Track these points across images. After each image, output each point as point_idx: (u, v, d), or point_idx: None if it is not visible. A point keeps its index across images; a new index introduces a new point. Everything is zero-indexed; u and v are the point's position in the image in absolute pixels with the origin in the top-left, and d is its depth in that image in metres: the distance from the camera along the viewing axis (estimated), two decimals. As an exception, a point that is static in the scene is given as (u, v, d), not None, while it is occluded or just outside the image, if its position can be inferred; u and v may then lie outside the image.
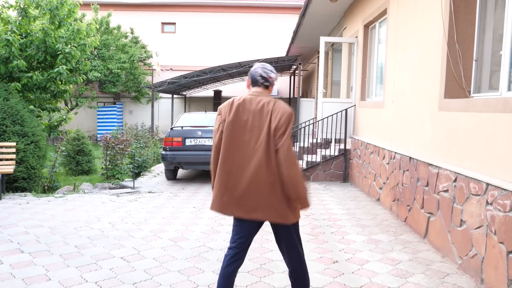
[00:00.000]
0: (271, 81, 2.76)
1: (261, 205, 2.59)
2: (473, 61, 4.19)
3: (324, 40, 8.99)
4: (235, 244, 2.70)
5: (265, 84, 2.74)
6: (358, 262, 4.06)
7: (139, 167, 10.19)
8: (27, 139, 7.60)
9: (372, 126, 7.31)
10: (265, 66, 2.77)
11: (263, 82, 2.74)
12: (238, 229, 2.73)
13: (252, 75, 2.76)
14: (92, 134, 20.35)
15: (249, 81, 2.78)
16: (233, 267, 2.68)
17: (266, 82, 2.74)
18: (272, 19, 21.03)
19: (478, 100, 3.76)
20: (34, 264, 3.89)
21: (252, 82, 2.76)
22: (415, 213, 5.08)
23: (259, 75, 2.73)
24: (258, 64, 2.79)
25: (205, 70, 14.62)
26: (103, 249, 4.34)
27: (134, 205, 6.49)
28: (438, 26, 4.55)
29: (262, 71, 2.74)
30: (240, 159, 2.62)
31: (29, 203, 6.43)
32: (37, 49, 8.59)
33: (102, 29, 18.61)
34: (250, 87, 2.78)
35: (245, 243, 2.71)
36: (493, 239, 3.34)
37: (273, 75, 2.76)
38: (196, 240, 4.72)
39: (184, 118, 9.28)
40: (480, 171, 3.63)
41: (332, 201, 6.81)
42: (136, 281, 3.55)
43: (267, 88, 2.76)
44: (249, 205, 2.60)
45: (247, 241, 2.72)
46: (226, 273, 2.67)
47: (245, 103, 2.67)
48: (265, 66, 2.77)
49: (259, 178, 2.57)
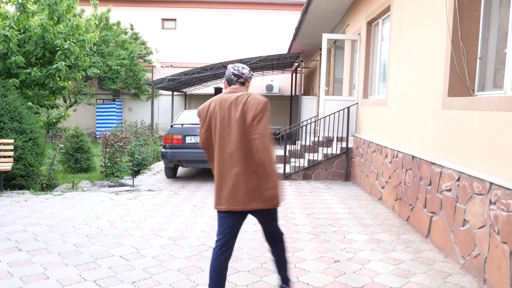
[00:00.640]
0: (244, 77, 2.91)
1: (254, 195, 2.75)
2: (477, 59, 4.19)
3: (327, 37, 8.98)
4: (221, 236, 2.82)
5: (240, 81, 2.91)
6: (360, 261, 4.07)
7: (139, 165, 10.20)
8: (25, 136, 7.61)
9: (374, 125, 7.31)
10: (235, 64, 2.96)
11: (237, 79, 2.90)
12: (223, 221, 2.84)
13: (226, 76, 2.95)
14: (91, 132, 20.36)
15: (225, 83, 2.97)
16: (222, 258, 2.79)
17: (240, 79, 2.90)
18: (274, 15, 21.00)
19: (482, 99, 3.76)
20: (32, 263, 3.90)
21: (228, 82, 2.94)
22: (417, 213, 5.08)
23: (231, 74, 2.91)
24: (231, 66, 2.97)
25: (205, 67, 14.61)
26: (102, 248, 4.36)
27: (133, 203, 6.51)
28: (442, 23, 4.55)
29: (233, 70, 2.92)
30: (227, 153, 2.78)
31: (27, 201, 6.45)
32: (36, 45, 8.59)
33: (102, 25, 18.59)
34: (226, 86, 2.96)
35: (231, 234, 2.83)
36: (496, 239, 3.34)
37: (245, 71, 2.92)
38: (196, 239, 4.73)
39: (184, 116, 9.29)
40: (483, 170, 3.63)
41: (333, 200, 6.82)
42: (135, 280, 3.57)
43: (243, 85, 2.92)
44: (244, 197, 2.75)
45: (233, 231, 2.84)
46: (216, 265, 2.78)
47: (221, 100, 2.84)
48: (235, 64, 2.96)
49: (244, 169, 2.73)
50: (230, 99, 2.81)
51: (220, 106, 2.82)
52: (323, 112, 8.84)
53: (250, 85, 2.95)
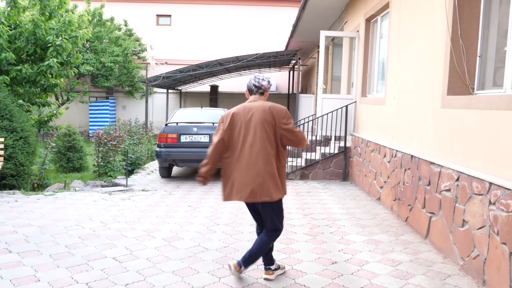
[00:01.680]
0: (263, 88, 3.55)
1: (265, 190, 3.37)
2: (477, 57, 4.20)
3: (325, 34, 8.99)
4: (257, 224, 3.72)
5: (260, 92, 3.55)
6: (358, 263, 4.08)
7: (133, 164, 10.18)
8: (16, 134, 7.58)
9: (373, 123, 7.33)
10: (257, 76, 3.58)
11: (257, 90, 3.55)
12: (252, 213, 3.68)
13: (248, 86, 3.59)
14: (84, 130, 20.30)
15: (247, 92, 3.61)
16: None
17: (260, 90, 3.55)
18: (271, 12, 21.00)
19: (481, 97, 3.78)
20: (22, 265, 3.89)
21: (249, 92, 3.60)
22: (416, 213, 5.10)
23: (252, 85, 3.55)
24: (252, 77, 3.61)
25: (201, 64, 14.60)
26: (95, 249, 4.34)
27: (127, 203, 6.50)
28: (442, 21, 4.56)
29: (254, 81, 3.56)
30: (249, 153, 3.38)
31: (17, 201, 6.42)
32: (27, 41, 8.55)
33: (95, 21, 18.54)
34: (248, 96, 3.59)
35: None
36: (496, 240, 3.36)
37: (264, 83, 3.55)
38: (191, 240, 4.73)
39: (179, 114, 9.27)
40: (483, 170, 3.65)
41: (331, 200, 6.84)
42: (128, 282, 3.56)
43: (262, 94, 3.56)
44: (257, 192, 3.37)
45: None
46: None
47: (244, 108, 3.45)
48: (257, 76, 3.58)
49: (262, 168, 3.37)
50: (255, 106, 3.42)
51: (243, 113, 3.42)
52: (320, 111, 8.85)
53: (268, 94, 3.58)
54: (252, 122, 3.36)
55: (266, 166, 3.32)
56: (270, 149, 3.34)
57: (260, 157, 3.32)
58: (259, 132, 3.33)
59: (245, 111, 3.41)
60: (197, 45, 21.00)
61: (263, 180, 3.31)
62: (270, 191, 3.32)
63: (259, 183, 3.31)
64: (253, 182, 3.31)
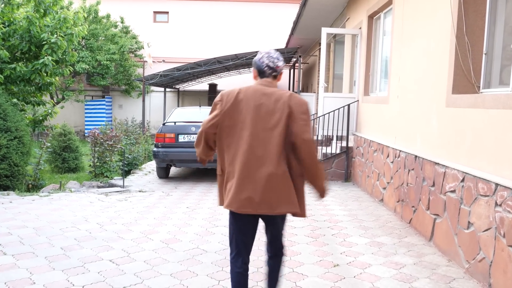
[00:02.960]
0: (279, 70, 2.73)
1: (282, 199, 2.64)
2: (482, 54, 4.20)
3: (326, 31, 8.99)
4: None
5: (273, 75, 2.72)
6: (360, 265, 4.08)
7: (129, 165, 10.18)
8: (10, 134, 7.57)
9: (375, 123, 7.33)
10: (270, 54, 2.72)
11: (271, 72, 2.71)
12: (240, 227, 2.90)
13: (257, 65, 2.72)
14: (80, 130, 20.29)
15: (256, 72, 2.74)
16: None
17: (274, 72, 2.71)
18: (271, 8, 21.00)
19: (487, 96, 3.78)
20: (17, 267, 3.88)
21: (259, 73, 2.73)
22: (420, 215, 5.10)
23: (265, 65, 2.70)
24: (263, 53, 2.74)
25: (199, 62, 14.60)
26: (91, 251, 4.34)
27: (123, 205, 6.49)
28: (447, 18, 4.56)
29: (268, 61, 2.70)
30: (254, 151, 2.60)
31: (12, 202, 6.42)
32: (21, 38, 8.54)
33: (90, 18, 18.53)
34: (257, 78, 2.74)
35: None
36: (502, 242, 3.36)
37: (280, 64, 2.73)
38: (189, 242, 4.72)
39: (177, 113, 9.27)
40: (489, 170, 3.65)
41: (333, 201, 6.84)
42: (125, 285, 3.56)
43: (275, 78, 2.74)
44: (272, 200, 2.62)
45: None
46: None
47: (255, 91, 2.65)
48: (270, 54, 2.72)
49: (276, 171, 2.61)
50: (267, 94, 2.63)
51: (253, 98, 2.62)
52: (322, 110, 8.85)
53: (281, 77, 2.79)
54: (263, 112, 2.60)
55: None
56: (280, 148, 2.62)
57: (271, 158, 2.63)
58: (271, 127, 2.59)
59: (255, 96, 2.63)
60: (195, 43, 21.00)
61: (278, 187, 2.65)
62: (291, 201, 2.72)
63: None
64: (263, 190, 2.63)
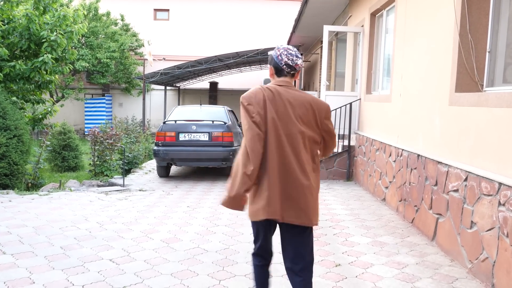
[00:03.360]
0: (298, 68, 2.62)
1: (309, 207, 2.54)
2: (486, 52, 4.19)
3: (328, 29, 8.97)
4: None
5: (292, 73, 2.62)
6: (362, 265, 4.08)
7: (130, 164, 10.18)
8: (10, 132, 7.58)
9: (378, 121, 7.32)
10: (289, 51, 2.60)
11: (290, 70, 2.60)
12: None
13: (276, 63, 2.60)
14: (79, 128, 20.31)
15: (272, 70, 2.64)
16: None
17: (292, 71, 2.61)
18: (273, 6, 20.98)
19: (491, 95, 3.77)
20: (17, 266, 3.89)
21: (276, 71, 2.63)
22: (423, 214, 5.10)
23: (284, 63, 2.58)
24: (281, 49, 2.62)
25: (200, 60, 14.60)
26: (91, 251, 4.35)
27: (123, 204, 6.50)
28: (450, 15, 4.55)
29: (287, 59, 2.57)
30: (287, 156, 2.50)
31: (11, 201, 6.43)
32: (20, 36, 8.54)
33: (90, 16, 18.53)
34: (274, 76, 2.65)
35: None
36: (505, 242, 3.36)
37: (299, 62, 2.62)
38: (190, 241, 4.73)
39: (178, 112, 9.27)
40: (492, 170, 3.64)
41: (335, 200, 6.83)
42: (126, 284, 3.56)
43: (293, 76, 2.65)
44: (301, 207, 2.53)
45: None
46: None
47: (279, 94, 2.53)
48: (289, 51, 2.60)
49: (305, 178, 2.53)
50: (289, 96, 2.52)
51: (279, 100, 2.51)
52: (324, 108, 8.82)
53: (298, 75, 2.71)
54: (288, 116, 2.49)
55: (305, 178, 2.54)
56: (308, 156, 2.55)
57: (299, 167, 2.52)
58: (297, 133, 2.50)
59: (281, 99, 2.51)
60: (196, 41, 20.98)
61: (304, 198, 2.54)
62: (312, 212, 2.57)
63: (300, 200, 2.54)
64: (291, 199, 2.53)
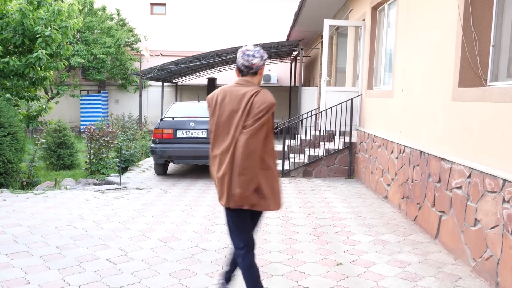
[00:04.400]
0: (255, 67, 2.78)
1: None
2: (490, 46, 4.18)
3: (328, 23, 8.96)
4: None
5: (251, 72, 2.79)
6: (364, 264, 4.09)
7: (126, 161, 10.19)
8: (4, 130, 7.57)
9: (380, 117, 7.32)
10: (246, 52, 2.79)
11: (248, 70, 2.79)
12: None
13: (237, 63, 2.83)
14: (75, 125, 20.29)
15: (237, 70, 2.86)
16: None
17: (251, 70, 2.79)
18: (272, 0, 20.91)
19: (495, 89, 3.77)
20: (12, 266, 3.89)
21: (239, 72, 2.84)
22: (425, 212, 5.10)
23: (241, 64, 2.79)
24: (240, 51, 2.82)
25: (198, 56, 14.57)
26: (87, 250, 4.35)
27: (120, 202, 6.50)
28: (453, 8, 4.54)
29: (243, 60, 2.78)
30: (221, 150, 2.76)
31: (6, 200, 6.43)
32: (14, 31, 8.52)
33: (86, 10, 18.47)
34: (239, 75, 2.85)
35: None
36: (510, 240, 3.36)
37: (255, 61, 2.77)
38: (188, 240, 4.73)
39: (175, 108, 9.27)
40: (496, 166, 3.64)
41: (336, 198, 6.84)
42: (123, 284, 3.57)
43: (256, 74, 2.81)
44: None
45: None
46: None
47: (231, 93, 2.75)
48: (246, 52, 2.79)
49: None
50: (239, 94, 2.72)
51: (229, 99, 2.74)
52: (324, 104, 8.84)
53: (263, 71, 2.85)
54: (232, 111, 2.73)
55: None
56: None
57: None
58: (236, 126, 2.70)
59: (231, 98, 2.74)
60: (194, 36, 20.93)
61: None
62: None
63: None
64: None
